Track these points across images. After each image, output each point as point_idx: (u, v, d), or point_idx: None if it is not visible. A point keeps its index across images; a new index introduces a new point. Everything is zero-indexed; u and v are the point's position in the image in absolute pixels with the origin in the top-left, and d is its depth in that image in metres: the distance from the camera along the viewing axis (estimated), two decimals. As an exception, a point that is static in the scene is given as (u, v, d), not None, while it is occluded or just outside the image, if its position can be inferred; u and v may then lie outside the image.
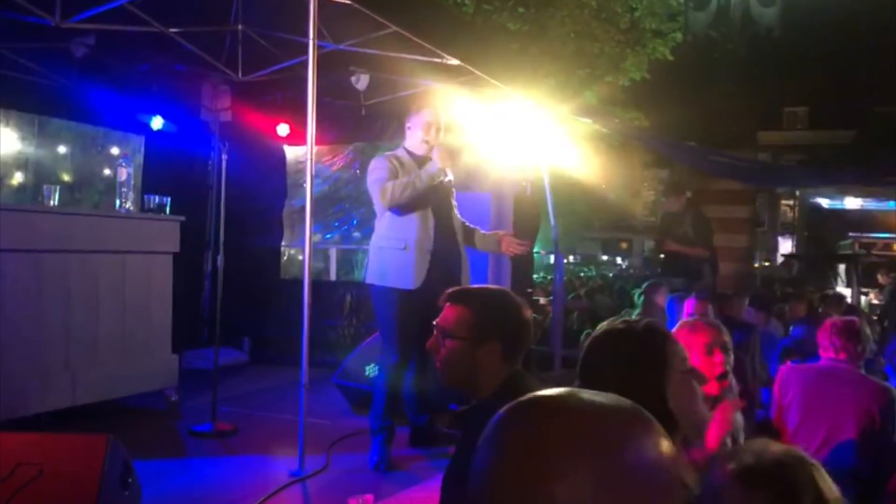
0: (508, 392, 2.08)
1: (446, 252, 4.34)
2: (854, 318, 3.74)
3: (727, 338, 2.73)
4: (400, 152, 4.39)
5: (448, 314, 2.19)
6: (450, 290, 2.27)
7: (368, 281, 4.39)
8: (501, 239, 4.60)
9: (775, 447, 1.43)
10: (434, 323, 2.22)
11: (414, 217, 4.27)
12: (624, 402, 0.82)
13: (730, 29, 8.73)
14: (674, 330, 3.00)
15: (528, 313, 2.24)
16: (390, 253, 4.27)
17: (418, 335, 4.04)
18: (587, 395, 0.82)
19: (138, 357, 5.16)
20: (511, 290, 6.51)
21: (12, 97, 6.12)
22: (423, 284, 4.21)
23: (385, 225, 4.32)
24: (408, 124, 4.42)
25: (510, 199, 6.74)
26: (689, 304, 4.79)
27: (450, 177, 4.34)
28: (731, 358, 2.72)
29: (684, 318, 4.60)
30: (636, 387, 1.56)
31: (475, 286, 2.48)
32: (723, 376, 2.65)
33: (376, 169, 4.27)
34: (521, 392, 2.11)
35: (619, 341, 1.73)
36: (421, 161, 4.29)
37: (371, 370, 5.34)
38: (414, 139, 4.37)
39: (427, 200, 4.27)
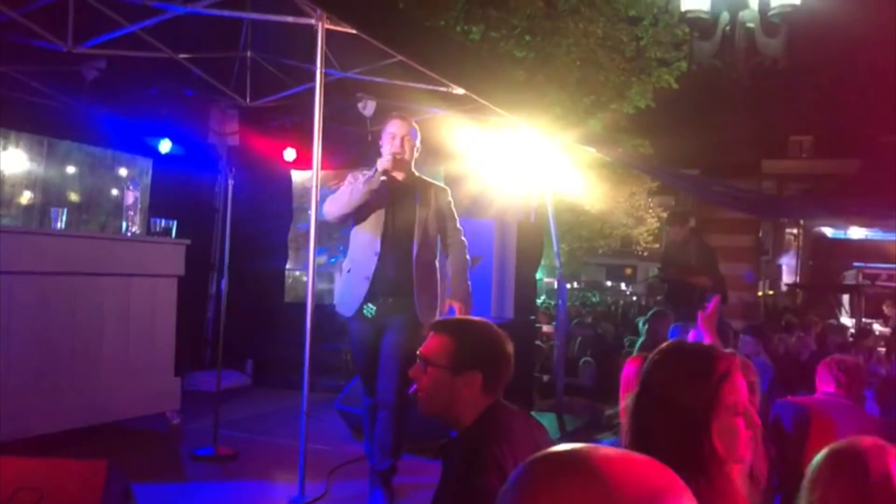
0: (487, 423, 2.12)
1: (393, 279, 3.99)
2: (857, 355, 3.73)
3: (755, 378, 2.60)
4: (371, 171, 4.02)
5: (431, 343, 2.23)
6: (435, 320, 2.31)
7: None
8: (448, 306, 4.15)
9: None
10: (418, 352, 2.26)
11: (361, 237, 4.07)
12: (651, 463, 0.79)
13: (735, 59, 8.77)
14: None
15: (510, 346, 2.27)
16: (340, 275, 4.16)
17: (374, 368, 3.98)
18: (611, 451, 0.79)
19: (141, 379, 5.16)
20: (514, 316, 6.48)
21: (22, 119, 6.19)
22: (370, 312, 4.01)
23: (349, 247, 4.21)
24: (380, 142, 4.16)
25: (514, 226, 6.76)
26: (693, 334, 4.72)
27: (422, 203, 4.08)
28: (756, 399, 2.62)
29: None
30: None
31: (459, 317, 2.50)
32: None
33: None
34: (499, 424, 2.12)
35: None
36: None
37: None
38: (384, 153, 4.07)
39: (379, 223, 4.02)
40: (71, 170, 7.67)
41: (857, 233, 17.67)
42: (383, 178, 3.93)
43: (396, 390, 3.89)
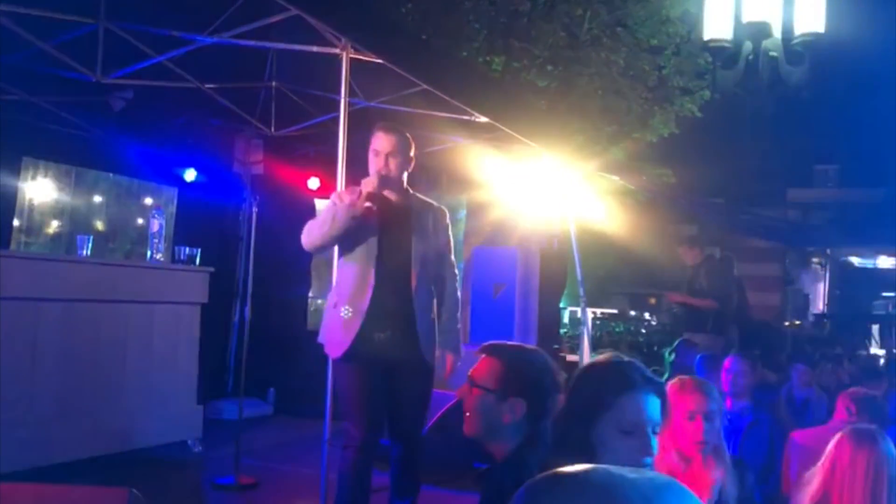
0: (527, 454, 2.07)
1: (391, 313, 3.58)
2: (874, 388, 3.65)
3: (715, 406, 2.60)
4: (356, 192, 3.62)
5: (480, 365, 2.22)
6: (487, 342, 2.29)
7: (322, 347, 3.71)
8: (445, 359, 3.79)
9: None
10: (468, 374, 2.24)
11: (350, 268, 3.61)
12: (657, 476, 0.79)
13: (758, 87, 8.74)
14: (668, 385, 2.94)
15: (561, 377, 2.24)
16: (327, 311, 3.68)
17: (381, 408, 3.61)
18: (615, 471, 0.79)
19: (163, 407, 5.17)
20: (538, 344, 6.43)
21: (51, 149, 6.29)
22: (366, 350, 3.54)
23: (338, 279, 3.74)
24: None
25: (537, 254, 6.75)
26: (728, 362, 4.62)
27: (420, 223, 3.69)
28: (717, 426, 2.60)
29: (723, 376, 4.50)
30: None
31: (512, 342, 2.45)
32: (701, 444, 2.54)
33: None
34: (532, 460, 2.10)
35: None
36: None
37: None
38: (370, 173, 3.69)
39: (372, 250, 3.58)
40: (98, 199, 7.77)
41: (885, 262, 17.41)
42: (367, 203, 3.48)
43: (418, 431, 3.78)
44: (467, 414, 2.19)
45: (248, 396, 5.75)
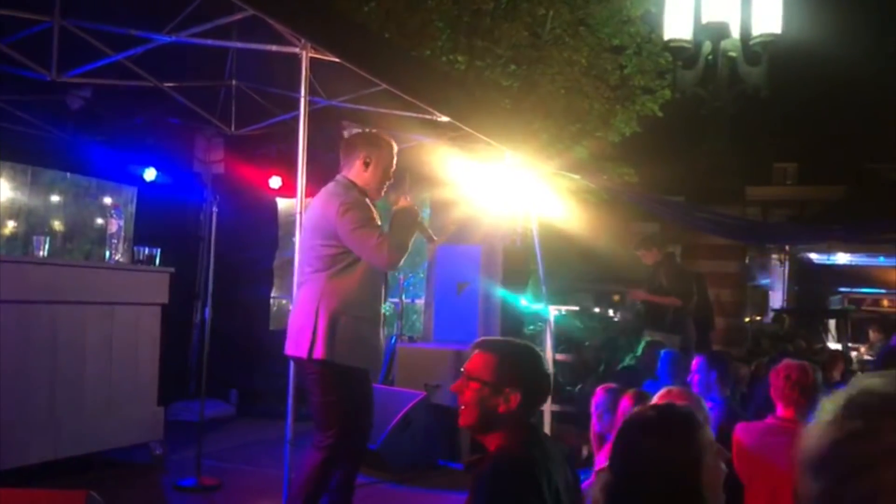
0: (522, 442, 2.19)
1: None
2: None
3: (702, 417, 2.67)
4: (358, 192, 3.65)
5: (475, 359, 2.33)
6: (479, 339, 2.42)
7: (329, 357, 3.48)
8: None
9: None
10: (462, 368, 2.36)
11: (365, 276, 3.59)
12: None
13: (717, 87, 8.87)
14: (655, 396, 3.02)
15: (549, 367, 2.43)
16: (342, 321, 3.50)
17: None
18: None
19: (123, 409, 5.11)
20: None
21: (7, 148, 6.18)
22: (379, 358, 3.93)
23: (352, 286, 3.56)
24: (366, 157, 3.69)
25: (500, 252, 6.78)
26: (696, 362, 4.66)
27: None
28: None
29: (689, 377, 4.57)
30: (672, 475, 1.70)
31: (502, 338, 2.58)
32: None
33: (359, 207, 3.52)
34: (532, 443, 2.18)
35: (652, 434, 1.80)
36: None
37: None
38: (372, 178, 3.69)
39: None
40: (55, 199, 7.64)
41: (842, 258, 17.79)
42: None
43: None
44: (463, 407, 2.30)
45: (209, 398, 5.70)
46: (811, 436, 0.86)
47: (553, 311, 7.28)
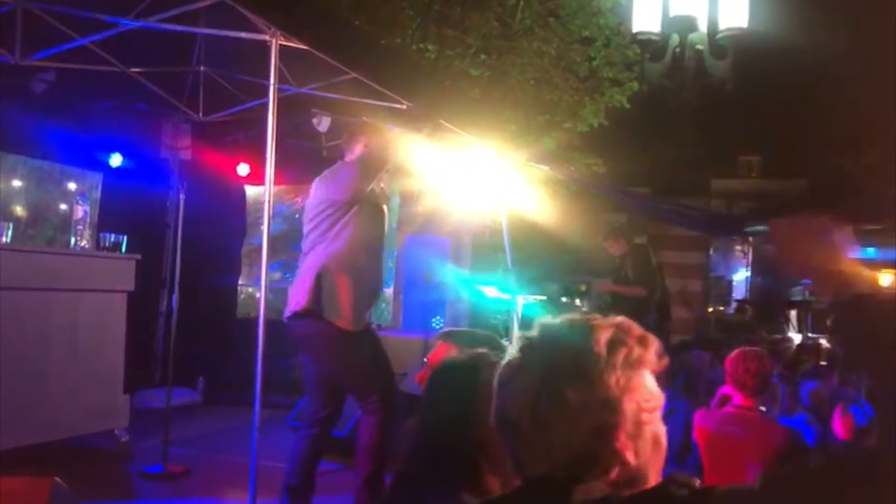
0: None
1: (378, 285, 4.29)
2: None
3: (669, 405, 2.74)
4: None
5: (438, 350, 2.40)
6: (443, 330, 2.47)
7: (313, 307, 3.87)
8: None
9: None
10: (425, 359, 2.46)
11: (363, 245, 4.03)
12: None
13: (684, 80, 8.98)
14: None
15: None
16: (338, 281, 3.87)
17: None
18: None
19: (89, 396, 5.08)
20: (467, 332, 6.46)
21: (-32, 132, 6.06)
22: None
23: (342, 247, 3.91)
24: (366, 143, 4.18)
25: (469, 244, 6.82)
26: None
27: None
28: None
29: None
30: None
31: (464, 329, 2.67)
32: None
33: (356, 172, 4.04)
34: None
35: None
36: None
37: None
38: (372, 163, 4.15)
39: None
40: (17, 184, 7.52)
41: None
42: None
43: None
44: None
45: (176, 385, 5.68)
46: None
47: (521, 301, 7.35)
